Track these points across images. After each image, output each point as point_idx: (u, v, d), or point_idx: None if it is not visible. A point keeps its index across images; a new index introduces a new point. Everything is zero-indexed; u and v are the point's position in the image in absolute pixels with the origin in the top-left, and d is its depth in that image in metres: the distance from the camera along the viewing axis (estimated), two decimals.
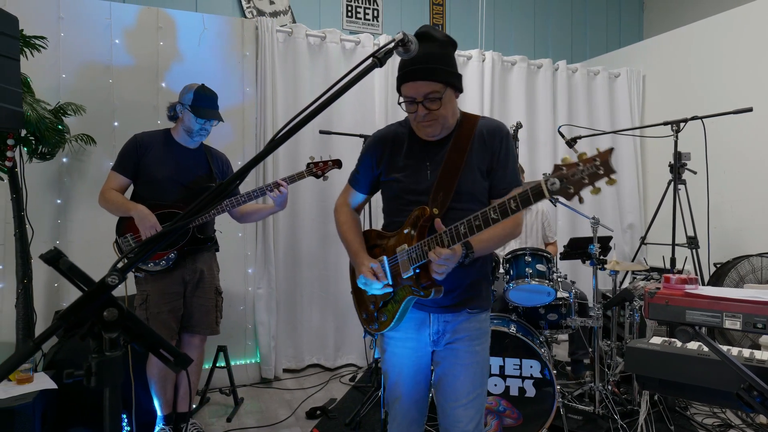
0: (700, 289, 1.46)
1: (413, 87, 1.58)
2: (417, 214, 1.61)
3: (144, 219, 2.48)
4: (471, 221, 1.46)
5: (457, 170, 1.63)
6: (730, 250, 4.12)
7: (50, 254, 0.89)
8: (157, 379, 2.63)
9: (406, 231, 1.63)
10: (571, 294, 3.15)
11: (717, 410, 3.13)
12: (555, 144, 4.81)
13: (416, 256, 1.58)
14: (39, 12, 3.22)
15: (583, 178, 1.22)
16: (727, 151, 4.20)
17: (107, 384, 0.90)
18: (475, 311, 1.72)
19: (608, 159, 1.20)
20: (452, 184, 1.63)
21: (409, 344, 1.75)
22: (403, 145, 1.73)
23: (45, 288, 3.22)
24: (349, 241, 1.81)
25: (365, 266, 1.69)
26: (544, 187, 1.27)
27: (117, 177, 2.61)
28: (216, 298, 2.77)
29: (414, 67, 1.55)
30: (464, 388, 1.69)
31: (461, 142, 1.66)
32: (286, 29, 3.95)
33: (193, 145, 2.73)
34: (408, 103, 1.61)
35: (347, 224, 1.85)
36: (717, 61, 4.45)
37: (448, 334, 1.71)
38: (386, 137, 1.77)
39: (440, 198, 1.62)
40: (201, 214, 0.94)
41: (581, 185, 1.23)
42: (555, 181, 1.25)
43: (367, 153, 1.80)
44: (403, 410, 1.78)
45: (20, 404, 2.25)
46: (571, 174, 1.23)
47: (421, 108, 1.59)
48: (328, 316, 4.06)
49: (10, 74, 2.44)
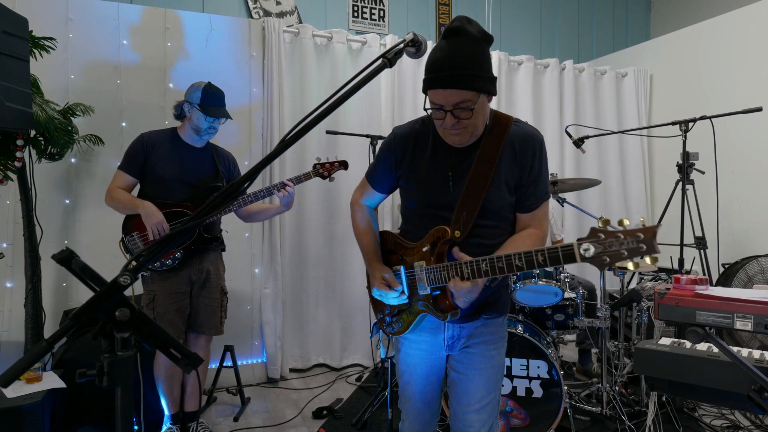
0: (711, 290, 1.45)
1: (442, 95, 1.42)
2: (438, 234, 1.52)
3: (151, 216, 2.48)
4: (494, 262, 1.37)
5: (484, 186, 1.51)
6: (738, 250, 4.09)
7: (63, 254, 0.90)
8: (164, 379, 2.64)
9: (425, 249, 1.55)
10: (578, 294, 3.14)
11: (725, 411, 3.11)
12: (562, 144, 4.80)
13: (434, 278, 1.52)
14: (48, 13, 3.24)
15: (621, 252, 1.15)
16: (735, 150, 4.17)
17: (119, 383, 0.90)
18: (492, 316, 1.68)
19: (653, 237, 1.12)
20: (477, 202, 1.51)
21: (423, 347, 1.71)
22: (426, 148, 1.59)
23: (53, 287, 3.24)
24: (363, 246, 1.75)
25: (377, 278, 1.65)
26: (576, 252, 1.21)
27: (123, 176, 2.62)
28: (221, 298, 2.78)
29: (444, 73, 1.39)
30: (478, 392, 1.65)
31: (490, 152, 1.52)
32: (293, 30, 3.96)
33: (200, 144, 2.73)
34: (435, 110, 1.46)
35: (363, 229, 1.78)
36: (725, 60, 4.43)
37: (463, 339, 1.67)
38: (408, 137, 1.63)
39: (463, 218, 1.51)
40: (211, 215, 0.94)
41: (618, 258, 1.15)
42: (589, 248, 1.18)
43: (388, 151, 1.66)
44: (415, 411, 1.77)
45: (29, 403, 2.27)
46: (609, 245, 1.16)
47: (450, 117, 1.43)
48: (334, 316, 4.06)
49: (19, 75, 2.45)
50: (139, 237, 2.59)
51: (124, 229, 2.64)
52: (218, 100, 2.67)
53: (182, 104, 2.68)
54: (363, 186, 1.80)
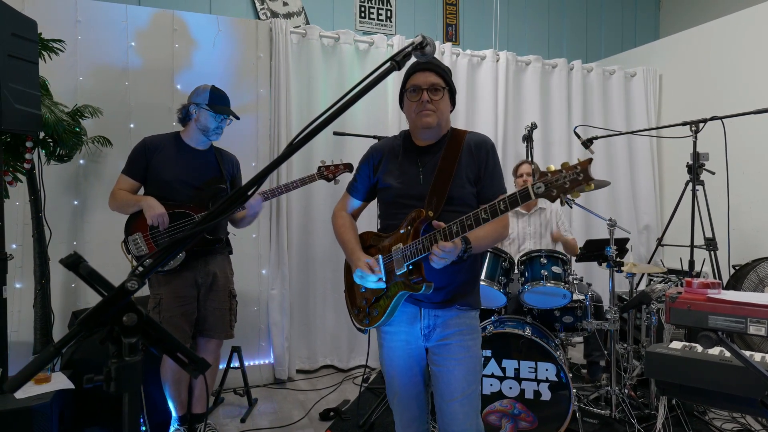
0: (723, 294, 1.43)
1: (422, 76, 1.77)
2: (414, 215, 1.73)
3: (152, 207, 2.48)
4: (463, 221, 1.59)
5: (449, 177, 1.77)
6: (749, 251, 4.05)
7: (70, 259, 0.90)
8: (172, 382, 2.64)
9: (403, 231, 1.75)
10: (587, 296, 3.12)
11: (736, 415, 3.08)
12: (570, 144, 4.77)
13: (410, 253, 1.70)
14: (57, 15, 3.25)
15: (564, 183, 1.41)
16: (745, 151, 4.12)
17: (126, 389, 0.90)
18: (465, 308, 1.81)
19: (587, 168, 1.39)
20: (445, 189, 1.76)
21: (402, 337, 1.83)
22: (398, 154, 1.89)
23: (62, 288, 3.26)
24: (346, 241, 1.92)
25: (361, 261, 1.80)
26: (530, 189, 1.45)
27: (126, 180, 2.62)
28: (230, 302, 2.76)
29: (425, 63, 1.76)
30: (458, 383, 1.75)
31: (452, 152, 1.81)
32: (300, 31, 3.96)
33: (204, 147, 2.72)
34: (411, 91, 1.79)
35: (344, 226, 1.96)
36: (735, 60, 4.38)
37: (439, 328, 1.79)
38: (382, 148, 1.94)
39: (434, 202, 1.75)
40: (219, 219, 0.94)
41: (563, 189, 1.41)
42: (540, 185, 1.43)
43: (365, 162, 1.96)
44: (402, 406, 1.87)
45: (38, 404, 2.28)
46: (555, 180, 1.42)
47: (425, 94, 1.76)
48: (341, 317, 4.06)
49: (29, 78, 2.47)
50: (141, 238, 2.58)
51: (127, 230, 2.62)
52: (225, 100, 2.69)
53: (188, 107, 2.67)
54: (344, 198, 2.04)
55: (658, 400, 2.86)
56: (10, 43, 2.32)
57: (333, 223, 2.02)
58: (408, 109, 1.84)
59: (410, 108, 1.82)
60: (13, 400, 2.28)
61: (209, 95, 2.63)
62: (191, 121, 2.67)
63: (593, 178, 1.38)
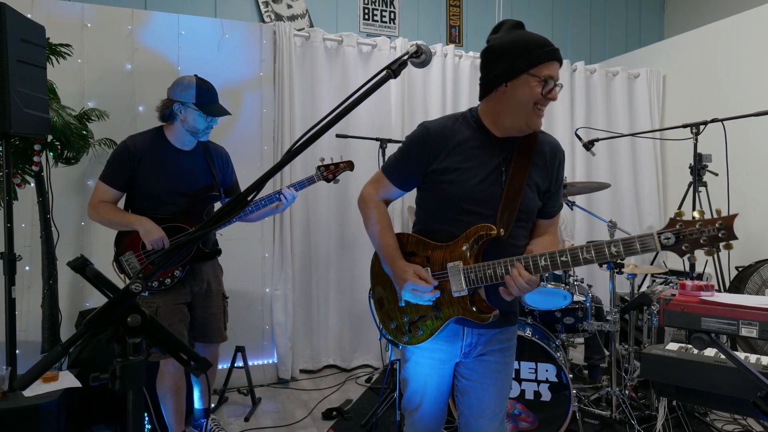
0: (716, 296, 1.45)
1: (556, 67, 1.48)
2: (481, 232, 1.46)
3: (150, 233, 2.32)
4: (556, 256, 1.37)
5: (521, 186, 1.49)
6: (752, 253, 4.04)
7: (77, 262, 0.94)
8: (173, 392, 2.52)
9: (464, 248, 1.48)
10: (587, 297, 3.14)
11: (738, 417, 3.08)
12: (572, 146, 4.77)
13: (477, 278, 1.46)
14: (64, 20, 3.30)
15: (701, 239, 1.22)
16: (748, 152, 4.12)
17: (131, 387, 0.94)
18: (509, 324, 1.68)
19: (732, 225, 1.20)
20: (516, 200, 1.49)
21: (438, 355, 1.64)
22: (469, 140, 1.52)
23: (69, 288, 3.31)
24: (386, 245, 1.61)
25: (409, 273, 1.52)
26: (656, 240, 1.25)
27: (107, 190, 2.40)
28: (223, 304, 2.71)
29: (554, 48, 1.45)
30: (491, 399, 1.64)
31: (525, 154, 1.52)
32: (304, 33, 3.99)
33: (191, 147, 2.51)
34: (543, 80, 1.45)
35: (382, 224, 1.64)
36: (739, 61, 4.38)
37: (480, 346, 1.64)
38: (445, 129, 1.54)
39: (506, 217, 1.47)
40: (219, 225, 0.97)
41: (698, 246, 1.22)
42: (670, 236, 1.24)
43: (421, 143, 1.55)
44: (423, 420, 1.72)
45: (46, 402, 2.32)
46: (690, 233, 1.23)
47: (556, 91, 1.46)
48: (344, 317, 4.09)
49: (37, 82, 2.52)
50: (134, 257, 2.42)
51: (117, 247, 2.47)
52: (214, 96, 2.46)
53: (171, 105, 2.40)
54: (378, 181, 1.67)
55: (659, 401, 2.87)
56: (20, 48, 2.37)
57: (365, 212, 1.68)
58: (523, 94, 1.45)
59: (529, 95, 1.45)
60: (21, 398, 2.32)
61: (195, 92, 2.37)
62: (176, 121, 2.43)
63: (736, 237, 1.18)
